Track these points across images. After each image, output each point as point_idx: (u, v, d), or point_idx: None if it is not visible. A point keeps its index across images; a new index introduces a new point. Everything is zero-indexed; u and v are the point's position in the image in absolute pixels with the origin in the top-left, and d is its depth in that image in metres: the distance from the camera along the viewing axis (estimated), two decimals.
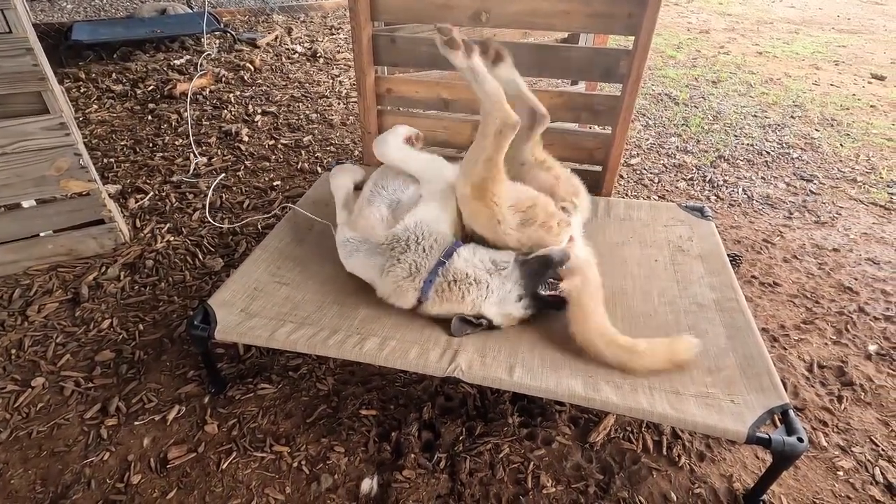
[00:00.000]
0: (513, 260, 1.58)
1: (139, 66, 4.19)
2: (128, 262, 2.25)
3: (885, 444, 1.62)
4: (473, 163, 1.53)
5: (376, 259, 1.62)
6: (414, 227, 1.61)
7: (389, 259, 1.59)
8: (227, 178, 2.87)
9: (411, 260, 1.58)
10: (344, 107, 3.77)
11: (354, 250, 1.68)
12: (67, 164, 2.08)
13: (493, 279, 1.56)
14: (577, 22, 1.99)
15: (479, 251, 1.61)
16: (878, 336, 2.01)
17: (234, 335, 1.53)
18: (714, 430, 1.29)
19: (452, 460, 1.51)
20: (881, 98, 4.24)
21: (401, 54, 2.24)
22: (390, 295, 1.61)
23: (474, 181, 1.53)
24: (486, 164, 1.51)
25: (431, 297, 1.56)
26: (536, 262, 1.55)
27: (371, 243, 1.65)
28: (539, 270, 1.55)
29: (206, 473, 1.48)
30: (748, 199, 2.87)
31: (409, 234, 1.60)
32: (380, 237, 1.63)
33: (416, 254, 1.58)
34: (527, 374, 1.42)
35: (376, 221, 1.66)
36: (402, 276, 1.58)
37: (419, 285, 1.56)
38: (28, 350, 1.84)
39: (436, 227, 1.63)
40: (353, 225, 1.72)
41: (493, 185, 1.53)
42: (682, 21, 6.42)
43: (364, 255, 1.65)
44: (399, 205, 1.70)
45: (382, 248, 1.62)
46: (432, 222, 1.63)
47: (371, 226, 1.66)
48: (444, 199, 1.67)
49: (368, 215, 1.68)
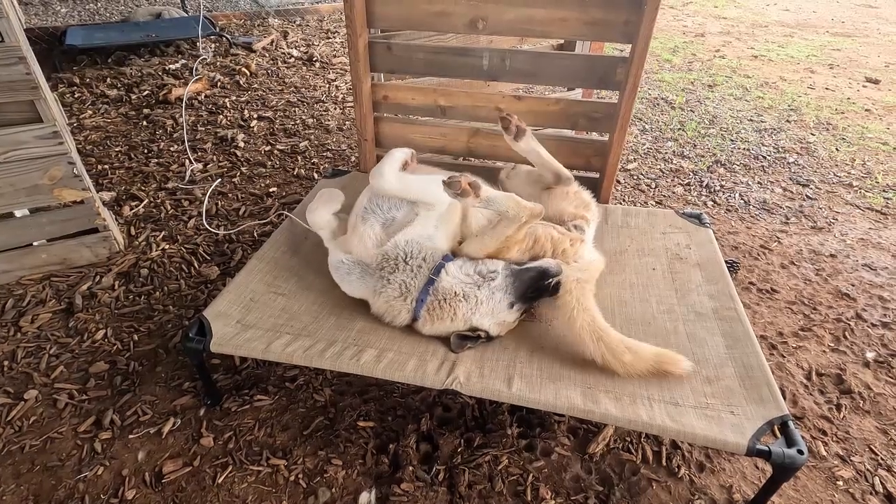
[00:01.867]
0: (501, 269, 1.57)
1: (134, 71, 4.16)
2: (122, 271, 2.23)
3: (884, 452, 1.62)
4: (495, 240, 1.59)
5: (369, 280, 1.61)
6: (404, 246, 1.58)
7: (380, 280, 1.58)
8: (223, 185, 2.85)
9: (400, 280, 1.56)
10: (340, 112, 3.76)
11: (347, 273, 1.65)
12: (61, 173, 2.06)
13: (482, 291, 1.53)
14: (574, 29, 1.99)
15: (465, 265, 1.59)
16: (875, 343, 2.01)
17: (230, 347, 1.52)
18: (714, 443, 1.28)
19: (451, 473, 1.50)
20: (876, 101, 4.26)
21: (397, 61, 2.23)
22: (384, 314, 1.60)
23: (490, 250, 1.61)
24: (507, 240, 1.58)
25: (423, 316, 1.54)
26: (530, 276, 1.54)
27: (363, 264, 1.62)
28: (532, 283, 1.54)
29: (202, 488, 1.47)
30: (745, 205, 2.87)
31: (399, 253, 1.57)
32: (371, 256, 1.60)
33: (405, 273, 1.56)
34: (526, 385, 1.41)
35: (369, 240, 1.62)
36: (393, 296, 1.56)
37: (411, 305, 1.55)
38: (21, 362, 1.82)
39: (427, 244, 1.60)
40: (345, 244, 1.69)
41: (507, 249, 1.61)
42: (677, 25, 6.44)
43: (357, 278, 1.63)
44: (393, 222, 1.67)
45: (373, 269, 1.60)
46: (423, 240, 1.60)
47: (364, 245, 1.62)
48: (441, 218, 1.65)
49: (362, 234, 1.64)
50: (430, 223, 1.63)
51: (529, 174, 2.00)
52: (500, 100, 2.21)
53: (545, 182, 1.94)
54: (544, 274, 1.54)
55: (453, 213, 1.68)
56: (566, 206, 1.84)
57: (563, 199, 1.86)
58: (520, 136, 1.86)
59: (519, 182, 2.00)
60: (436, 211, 1.64)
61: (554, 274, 1.53)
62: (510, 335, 1.60)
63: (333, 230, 1.81)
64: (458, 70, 2.20)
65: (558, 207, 1.84)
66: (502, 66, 2.12)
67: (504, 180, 2.05)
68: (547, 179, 1.92)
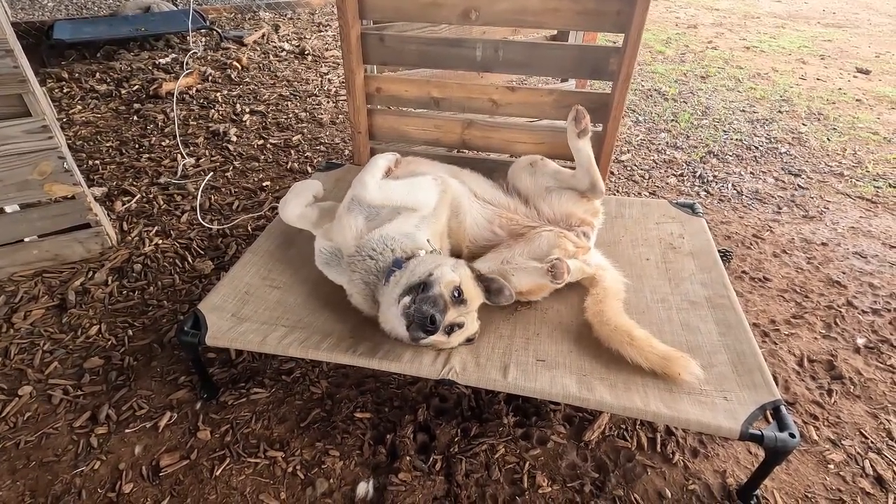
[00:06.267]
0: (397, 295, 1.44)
1: (123, 66, 4.12)
2: (115, 266, 2.22)
3: (874, 436, 1.64)
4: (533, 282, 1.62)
5: (345, 271, 1.60)
6: (377, 241, 1.56)
7: (350, 271, 1.58)
8: (216, 179, 2.84)
9: (362, 272, 1.55)
10: (333, 105, 3.74)
11: (326, 263, 1.67)
12: (51, 168, 2.04)
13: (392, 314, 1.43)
14: (567, 19, 1.98)
15: (398, 283, 1.46)
16: (866, 329, 2.03)
17: (225, 341, 1.51)
18: (708, 428, 1.30)
19: (448, 462, 1.51)
20: (866, 92, 4.28)
21: (390, 53, 2.22)
22: (359, 304, 1.59)
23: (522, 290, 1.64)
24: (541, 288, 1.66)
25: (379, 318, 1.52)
26: (415, 314, 1.36)
27: (341, 254, 1.62)
28: (419, 318, 1.35)
29: (200, 481, 1.47)
30: (738, 195, 2.89)
31: (371, 247, 1.56)
32: (350, 247, 1.60)
33: (365, 270, 1.54)
34: (521, 374, 1.42)
35: (349, 231, 1.61)
36: (357, 289, 1.56)
37: (375, 304, 1.54)
38: (14, 358, 1.81)
39: (404, 242, 1.56)
40: (328, 233, 1.69)
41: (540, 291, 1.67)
42: (670, 16, 6.45)
43: (336, 265, 1.64)
44: (377, 216, 1.65)
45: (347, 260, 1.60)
46: (401, 238, 1.57)
47: (344, 236, 1.62)
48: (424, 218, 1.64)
49: (344, 225, 1.63)
50: (411, 222, 1.61)
51: (558, 174, 1.90)
52: (494, 91, 2.20)
53: (576, 187, 1.86)
54: (424, 284, 1.42)
55: (440, 211, 1.67)
56: (576, 210, 1.82)
57: (575, 202, 1.84)
58: (583, 134, 1.85)
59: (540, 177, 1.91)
60: (418, 213, 1.64)
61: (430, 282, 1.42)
62: (505, 324, 1.61)
63: (313, 221, 1.81)
64: (452, 61, 2.19)
65: (567, 211, 1.82)
66: (495, 57, 2.11)
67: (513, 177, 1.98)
68: (581, 185, 1.85)
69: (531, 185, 1.91)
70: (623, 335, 1.45)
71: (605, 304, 1.56)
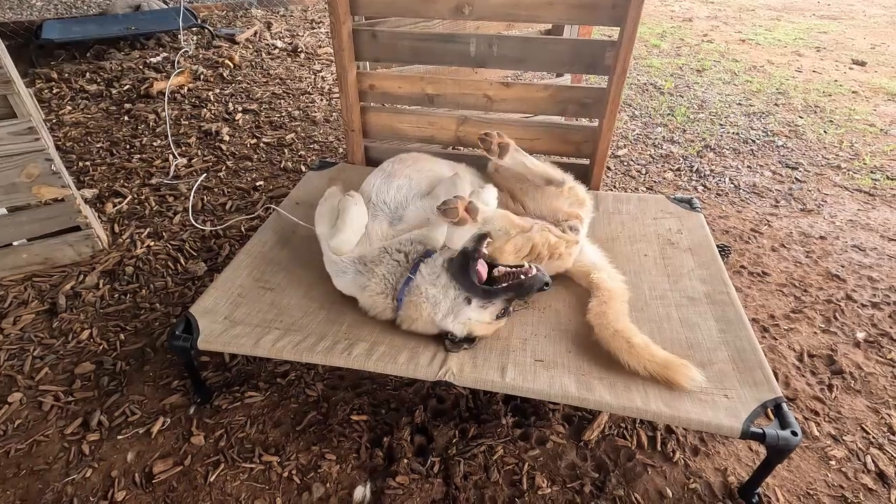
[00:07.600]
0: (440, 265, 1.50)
1: (114, 65, 4.06)
2: (106, 269, 2.18)
3: (875, 431, 1.63)
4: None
5: (360, 279, 1.57)
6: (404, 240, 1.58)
7: (368, 274, 1.56)
8: (209, 180, 2.80)
9: (382, 274, 1.53)
10: (327, 103, 3.70)
11: (343, 271, 1.61)
12: (38, 170, 2.00)
13: (436, 288, 1.46)
14: (561, 13, 1.95)
15: (436, 260, 1.51)
16: (865, 323, 2.02)
17: (218, 344, 1.49)
18: (709, 427, 1.28)
19: (446, 464, 1.49)
20: (862, 84, 4.27)
21: (383, 49, 2.18)
22: (369, 308, 1.57)
23: None
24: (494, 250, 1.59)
25: (400, 315, 1.51)
26: (457, 260, 1.47)
27: (359, 262, 1.59)
28: (463, 262, 1.45)
29: (194, 487, 1.44)
30: (735, 189, 2.87)
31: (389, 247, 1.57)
32: (374, 251, 1.59)
33: (387, 267, 1.54)
34: (519, 374, 1.40)
35: (374, 235, 1.63)
36: (377, 290, 1.54)
37: (393, 303, 1.52)
38: (4, 364, 1.78)
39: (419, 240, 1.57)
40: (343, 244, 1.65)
41: (501, 253, 1.60)
42: (665, 9, 6.42)
43: (351, 276, 1.60)
44: (401, 221, 1.68)
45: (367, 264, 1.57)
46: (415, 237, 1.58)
47: (370, 240, 1.62)
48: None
49: (369, 231, 1.64)
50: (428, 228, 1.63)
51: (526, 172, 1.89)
52: (489, 87, 2.18)
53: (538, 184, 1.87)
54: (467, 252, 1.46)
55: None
56: (560, 205, 1.80)
57: (556, 197, 1.82)
58: (504, 152, 1.79)
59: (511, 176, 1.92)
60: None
61: (476, 246, 1.46)
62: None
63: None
64: (445, 57, 2.16)
65: (552, 206, 1.81)
66: (490, 53, 2.09)
67: (493, 173, 2.01)
68: (539, 185, 1.86)
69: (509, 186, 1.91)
70: (622, 341, 1.42)
71: (609, 306, 1.53)
